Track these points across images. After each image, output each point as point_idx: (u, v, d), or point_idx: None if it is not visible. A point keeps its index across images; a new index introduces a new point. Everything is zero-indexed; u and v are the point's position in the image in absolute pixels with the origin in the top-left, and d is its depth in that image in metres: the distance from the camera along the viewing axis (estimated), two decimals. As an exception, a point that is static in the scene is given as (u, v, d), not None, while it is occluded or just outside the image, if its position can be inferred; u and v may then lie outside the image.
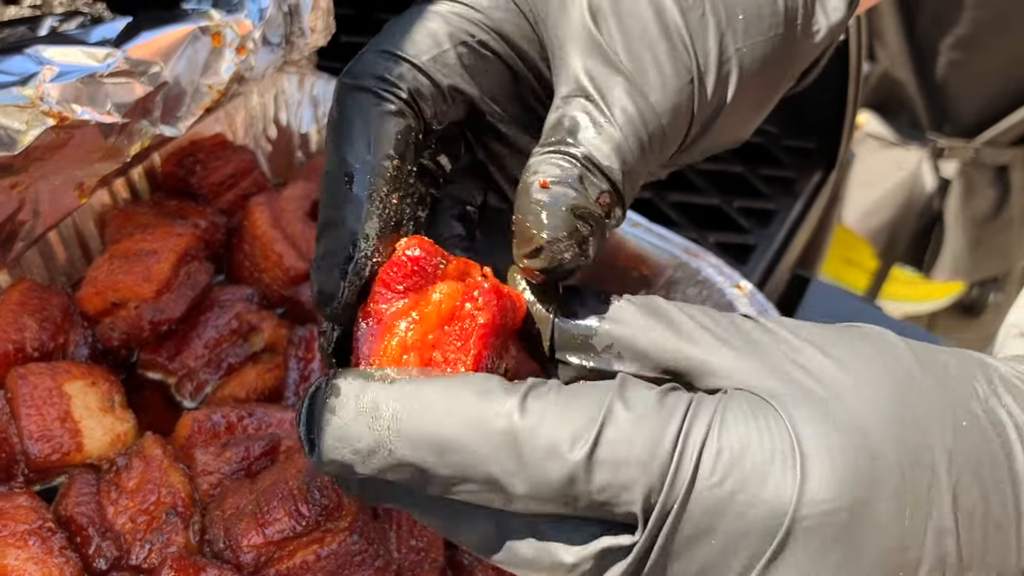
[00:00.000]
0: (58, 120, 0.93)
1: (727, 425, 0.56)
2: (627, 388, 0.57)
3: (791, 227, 1.40)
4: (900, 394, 0.57)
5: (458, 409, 0.57)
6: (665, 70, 0.71)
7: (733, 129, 0.79)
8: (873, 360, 0.59)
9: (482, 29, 0.72)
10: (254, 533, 0.85)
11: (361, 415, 0.58)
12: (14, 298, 1.00)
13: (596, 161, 0.68)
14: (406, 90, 0.69)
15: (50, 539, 0.87)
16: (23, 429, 0.92)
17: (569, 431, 0.56)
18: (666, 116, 0.70)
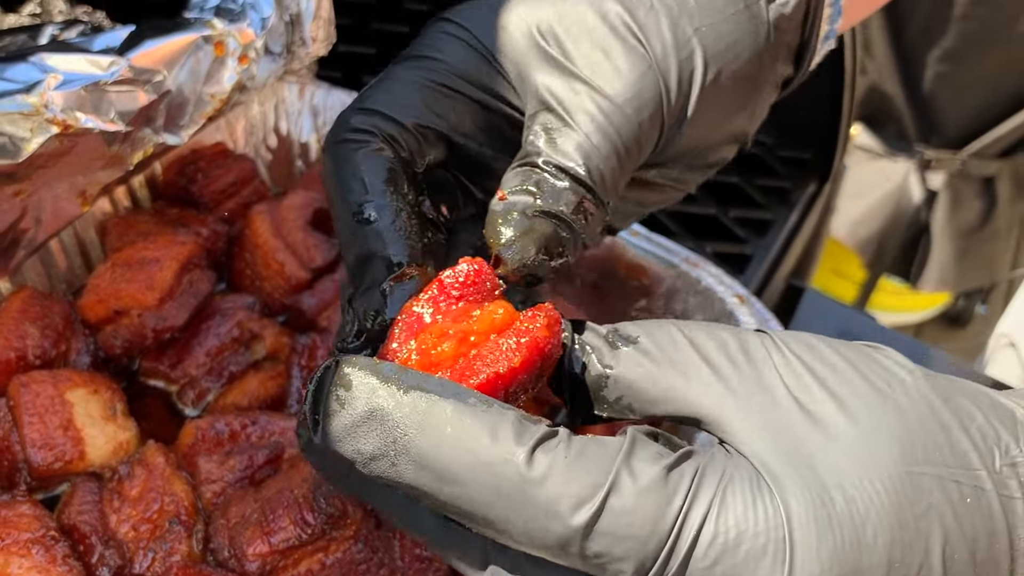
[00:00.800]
0: (62, 128, 0.93)
1: (726, 507, 0.56)
2: (635, 455, 0.57)
3: (787, 237, 1.41)
4: (904, 470, 0.57)
5: (466, 443, 0.56)
6: (620, 65, 0.73)
7: (716, 120, 0.80)
8: (887, 417, 0.58)
9: (442, 74, 0.76)
10: (259, 542, 0.85)
11: (369, 420, 0.57)
12: (16, 306, 1.00)
13: (556, 162, 0.71)
14: (378, 134, 0.73)
15: (53, 548, 0.87)
16: (25, 437, 0.92)
17: (574, 494, 0.56)
18: (630, 106, 0.73)
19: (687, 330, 0.64)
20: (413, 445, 0.56)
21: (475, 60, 0.77)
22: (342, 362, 0.59)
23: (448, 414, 0.56)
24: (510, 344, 0.61)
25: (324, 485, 0.86)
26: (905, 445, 0.58)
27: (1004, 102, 2.34)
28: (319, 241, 1.11)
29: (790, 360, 0.61)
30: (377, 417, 0.57)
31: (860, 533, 0.56)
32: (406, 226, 0.70)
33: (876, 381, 0.60)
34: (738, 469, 0.58)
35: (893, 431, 0.58)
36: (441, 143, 0.77)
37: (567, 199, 0.70)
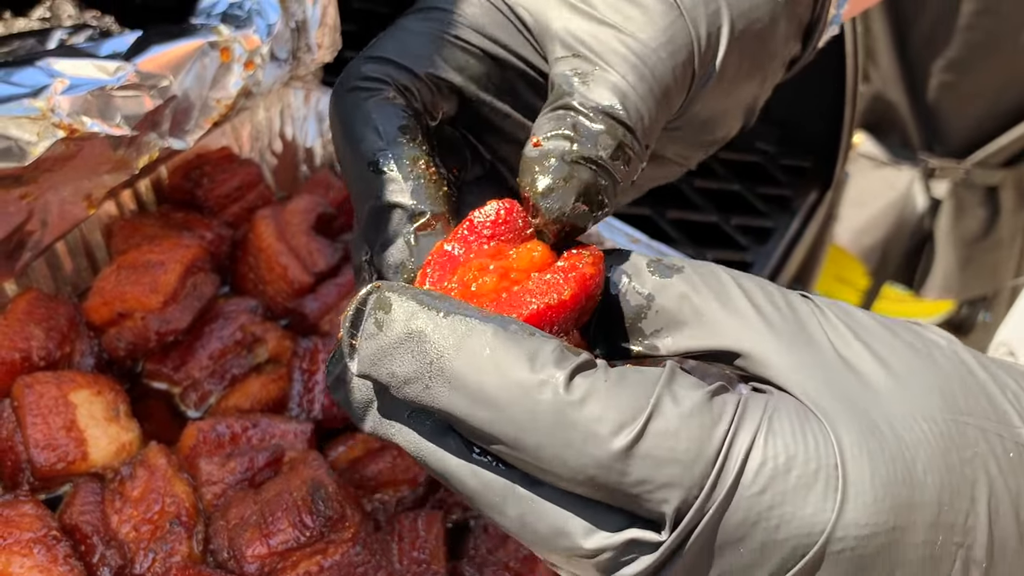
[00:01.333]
0: (68, 132, 0.94)
1: (774, 434, 0.54)
2: (676, 381, 0.55)
3: (788, 245, 1.42)
4: (951, 417, 0.56)
5: (505, 366, 0.54)
6: (650, 10, 0.70)
7: (736, 90, 0.79)
8: (928, 372, 0.57)
9: (456, 26, 0.73)
10: (258, 543, 0.86)
11: (407, 341, 0.55)
12: (21, 307, 1.01)
13: (593, 103, 0.67)
14: (392, 83, 0.70)
15: (55, 547, 0.88)
16: (29, 438, 0.93)
17: (615, 417, 0.53)
18: (664, 50, 0.70)
19: (732, 273, 0.61)
20: (449, 367, 0.54)
21: (489, 11, 0.74)
22: (383, 286, 0.57)
23: (488, 338, 0.54)
24: (557, 279, 0.59)
25: (323, 488, 0.87)
26: (948, 397, 0.56)
27: (1008, 112, 2.35)
28: (322, 245, 1.12)
29: (831, 319, 0.59)
30: (415, 338, 0.55)
31: (912, 468, 0.54)
32: (426, 175, 0.67)
33: (915, 343, 0.59)
34: (783, 401, 0.56)
35: (935, 384, 0.56)
36: (454, 97, 0.74)
37: (606, 142, 0.65)
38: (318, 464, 0.90)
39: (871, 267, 2.64)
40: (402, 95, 0.71)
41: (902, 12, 2.30)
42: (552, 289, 0.59)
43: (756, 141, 1.57)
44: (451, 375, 0.54)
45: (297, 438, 0.97)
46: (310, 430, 0.98)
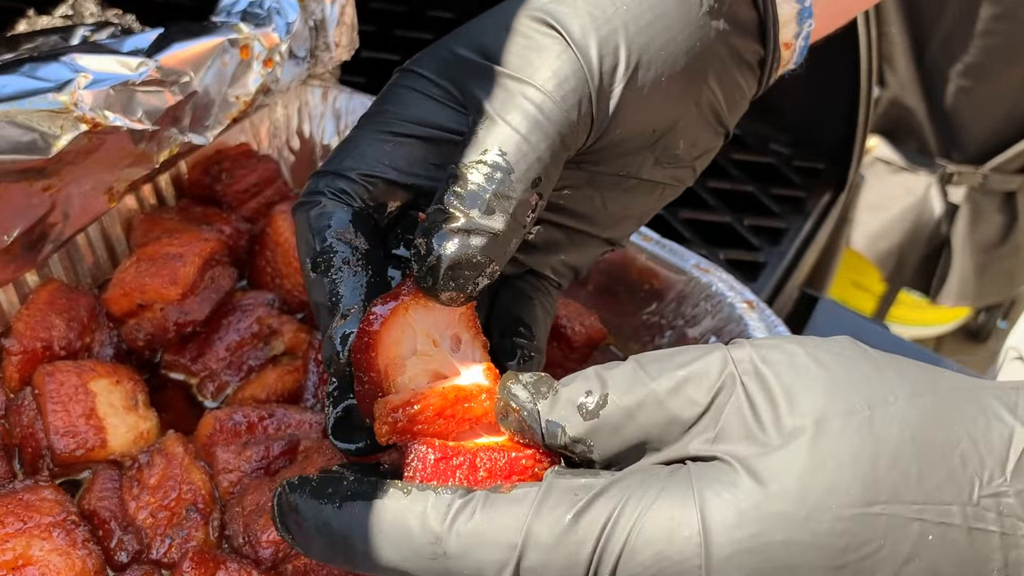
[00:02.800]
0: (91, 126, 0.96)
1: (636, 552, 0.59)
2: (546, 504, 0.62)
3: (801, 245, 1.43)
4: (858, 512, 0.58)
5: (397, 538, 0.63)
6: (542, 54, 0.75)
7: (662, 104, 0.79)
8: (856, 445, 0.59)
9: (392, 123, 0.81)
10: (273, 529, 0.87)
11: (319, 535, 0.67)
12: (43, 298, 1.03)
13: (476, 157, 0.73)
14: (327, 192, 0.80)
15: (74, 531, 0.90)
16: (49, 425, 0.95)
17: (494, 560, 0.61)
18: (550, 83, 0.74)
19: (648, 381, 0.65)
20: (356, 549, 0.65)
21: (424, 103, 0.81)
22: (286, 488, 0.68)
23: (376, 515, 0.64)
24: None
25: (337, 476, 0.88)
26: (869, 481, 0.58)
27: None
28: (338, 241, 1.13)
29: (761, 371, 0.63)
30: (324, 531, 0.66)
31: (782, 561, 0.57)
32: (348, 271, 0.77)
33: (857, 401, 0.60)
34: (669, 489, 0.60)
35: (857, 465, 0.58)
36: (396, 188, 0.82)
37: (495, 204, 0.72)
38: (332, 453, 0.91)
39: (887, 273, 2.64)
40: (339, 200, 0.80)
41: (920, 17, 2.31)
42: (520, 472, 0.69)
43: (770, 143, 1.59)
44: (358, 555, 0.65)
45: (312, 428, 0.98)
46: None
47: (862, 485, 0.58)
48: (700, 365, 0.64)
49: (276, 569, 0.87)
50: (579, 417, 0.66)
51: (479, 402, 0.73)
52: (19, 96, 0.93)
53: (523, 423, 0.68)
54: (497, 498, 0.63)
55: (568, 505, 0.61)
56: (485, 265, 0.71)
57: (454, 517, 0.62)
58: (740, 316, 1.09)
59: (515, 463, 0.69)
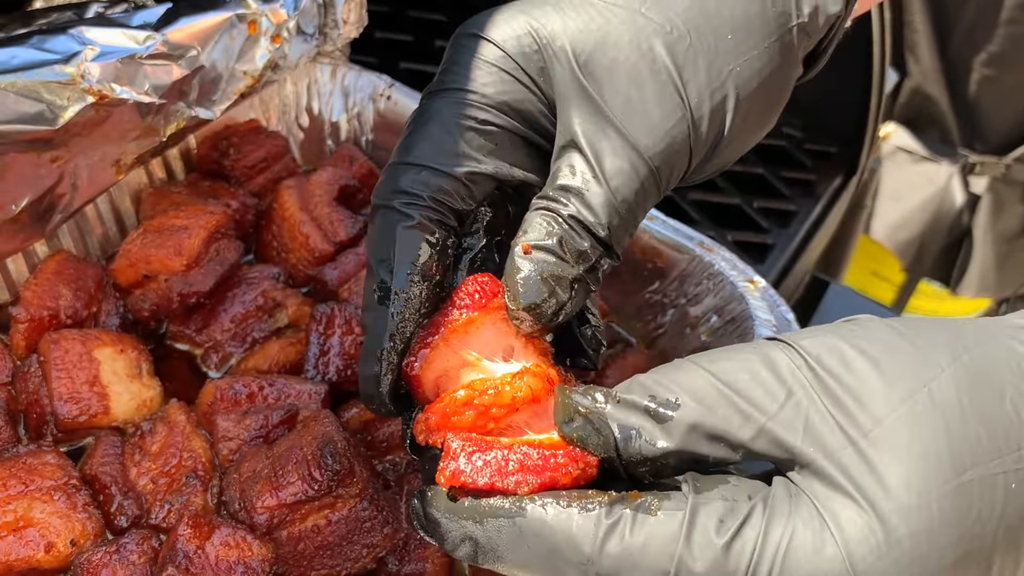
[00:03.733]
0: (98, 98, 0.97)
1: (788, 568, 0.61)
2: (695, 531, 0.63)
3: (810, 228, 1.42)
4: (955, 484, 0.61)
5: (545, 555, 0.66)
6: (653, 113, 0.74)
7: (741, 144, 0.82)
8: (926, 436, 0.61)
9: (480, 109, 0.78)
10: (268, 495, 0.88)
11: (464, 544, 0.69)
12: (51, 268, 1.05)
13: (582, 219, 0.74)
14: (426, 197, 0.76)
15: (75, 495, 0.91)
16: (53, 391, 0.96)
17: None
18: (658, 159, 0.75)
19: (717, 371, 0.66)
20: (508, 559, 0.67)
21: (511, 87, 0.78)
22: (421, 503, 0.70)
23: (521, 532, 0.66)
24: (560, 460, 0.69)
25: (332, 443, 0.89)
26: (951, 455, 0.61)
27: (1049, 108, 2.33)
28: (344, 216, 1.14)
29: (821, 376, 0.64)
30: (470, 541, 0.68)
31: (926, 564, 0.60)
32: (413, 308, 0.75)
33: (912, 384, 0.63)
34: (799, 514, 0.63)
35: (938, 444, 0.61)
36: (489, 181, 0.79)
37: (584, 260, 0.74)
38: (329, 421, 0.92)
39: (907, 263, 2.62)
40: (436, 208, 0.76)
41: (944, 5, 2.29)
42: (553, 470, 0.69)
43: (782, 126, 1.58)
44: (508, 564, 0.67)
45: (312, 398, 0.99)
46: (324, 391, 1.00)
47: (949, 460, 0.61)
48: (764, 358, 0.66)
49: (271, 535, 0.89)
50: (652, 421, 0.67)
51: (511, 387, 0.71)
52: (27, 67, 0.94)
53: (591, 424, 0.68)
54: (644, 520, 0.64)
55: (715, 533, 0.63)
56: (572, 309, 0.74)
57: (604, 540, 0.64)
58: (742, 295, 1.09)
59: (548, 460, 0.68)
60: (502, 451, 0.68)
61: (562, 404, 0.69)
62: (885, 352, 0.64)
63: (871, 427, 0.62)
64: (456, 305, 0.75)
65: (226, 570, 0.85)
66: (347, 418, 1.01)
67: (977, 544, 0.60)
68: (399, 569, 0.93)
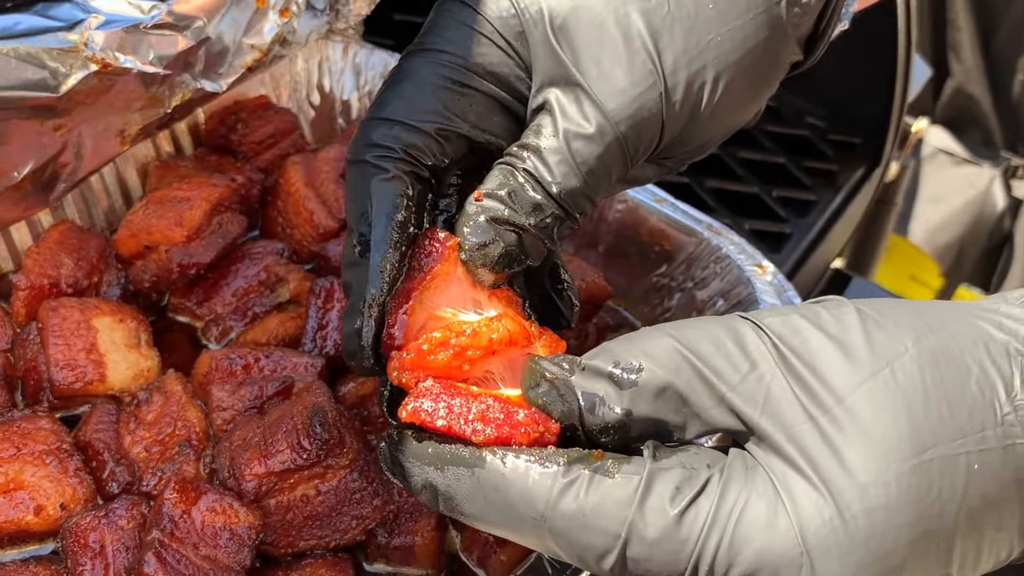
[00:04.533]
0: (101, 66, 0.97)
1: (739, 536, 0.62)
2: (650, 496, 0.63)
3: (829, 218, 1.40)
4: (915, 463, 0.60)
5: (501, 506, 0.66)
6: (622, 79, 0.74)
7: (722, 122, 0.80)
8: (890, 412, 0.61)
9: (457, 70, 0.78)
10: (256, 463, 0.88)
11: (426, 490, 0.70)
12: (54, 237, 1.05)
13: (536, 174, 0.75)
14: (399, 149, 0.76)
15: (67, 460, 0.91)
16: (50, 357, 0.96)
17: (597, 545, 0.64)
18: (624, 124, 0.74)
19: (682, 338, 0.66)
20: (465, 510, 0.68)
21: (488, 50, 0.78)
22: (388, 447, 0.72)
23: (480, 483, 0.67)
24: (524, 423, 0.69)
25: (321, 413, 0.88)
26: (912, 433, 0.60)
27: (1093, 110, 2.28)
28: (349, 193, 1.14)
29: (784, 354, 0.64)
30: (431, 488, 0.69)
31: (882, 542, 0.60)
32: (392, 259, 0.75)
33: (875, 362, 0.62)
34: (753, 487, 0.63)
35: (898, 422, 0.61)
36: (463, 141, 0.79)
37: (536, 213, 0.74)
38: (321, 392, 0.91)
39: (945, 267, 2.58)
40: (408, 161, 0.76)
41: (988, 4, 2.25)
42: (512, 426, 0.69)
43: (806, 115, 1.56)
44: (466, 514, 0.68)
45: (308, 371, 0.99)
46: (321, 364, 0.99)
47: (909, 438, 0.60)
48: (731, 330, 0.66)
49: (259, 503, 0.88)
50: (614, 387, 0.67)
51: (488, 328, 0.72)
52: (30, 33, 0.94)
53: (556, 391, 0.68)
54: (601, 481, 0.64)
55: (669, 500, 0.63)
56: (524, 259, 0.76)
57: (557, 498, 0.64)
58: (748, 279, 1.07)
59: (509, 416, 0.69)
60: (466, 399, 0.70)
61: (530, 369, 0.70)
62: (849, 332, 0.64)
63: (832, 405, 0.62)
64: (419, 265, 0.76)
65: (212, 536, 0.85)
66: (343, 392, 1.00)
67: (936, 525, 0.60)
68: (388, 541, 0.92)
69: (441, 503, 0.69)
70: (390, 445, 0.71)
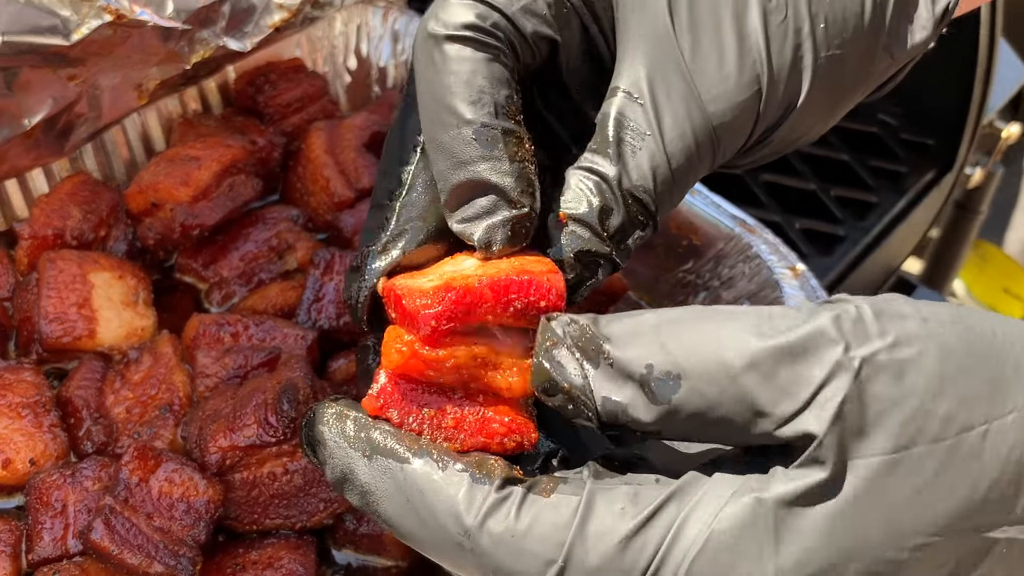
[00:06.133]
0: (115, 16, 0.95)
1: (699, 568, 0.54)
2: (591, 518, 0.56)
3: (889, 223, 1.31)
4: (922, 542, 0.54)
5: (422, 514, 0.59)
6: (730, 78, 0.67)
7: (800, 131, 0.74)
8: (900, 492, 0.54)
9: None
10: (222, 436, 0.85)
11: (345, 482, 0.62)
12: (66, 188, 1.04)
13: (628, 187, 0.65)
14: (503, 38, 0.66)
15: (42, 415, 0.90)
16: (41, 309, 0.95)
17: (526, 570, 0.56)
18: (722, 127, 0.67)
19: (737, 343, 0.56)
20: (381, 510, 0.61)
21: None
22: (315, 416, 0.64)
23: (405, 483, 0.60)
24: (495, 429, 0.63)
25: (292, 390, 0.85)
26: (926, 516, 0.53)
27: None
28: (370, 163, 1.10)
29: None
30: (350, 479, 0.62)
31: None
32: (528, 161, 0.65)
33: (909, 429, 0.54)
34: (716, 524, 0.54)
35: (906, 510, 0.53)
36: (545, 56, 0.69)
37: (623, 233, 0.66)
38: (299, 367, 0.88)
39: (1043, 280, 2.45)
40: (512, 52, 0.66)
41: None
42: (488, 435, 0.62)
43: (879, 112, 1.46)
44: (384, 518, 0.61)
45: (297, 343, 0.96)
46: (312, 338, 0.96)
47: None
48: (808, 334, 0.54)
49: (223, 476, 0.85)
50: (644, 399, 0.56)
51: (473, 271, 0.63)
52: (42, -21, 0.93)
53: (571, 402, 0.58)
54: (535, 501, 0.57)
55: (620, 517, 0.56)
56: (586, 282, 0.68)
57: (487, 514, 0.57)
58: (776, 281, 1.00)
59: (486, 424, 0.62)
60: (442, 400, 0.63)
61: (539, 369, 0.58)
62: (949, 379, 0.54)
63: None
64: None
65: (167, 507, 0.83)
66: (334, 368, 0.97)
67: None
68: (355, 528, 0.89)
69: (357, 496, 0.62)
70: (315, 415, 0.64)
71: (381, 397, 0.63)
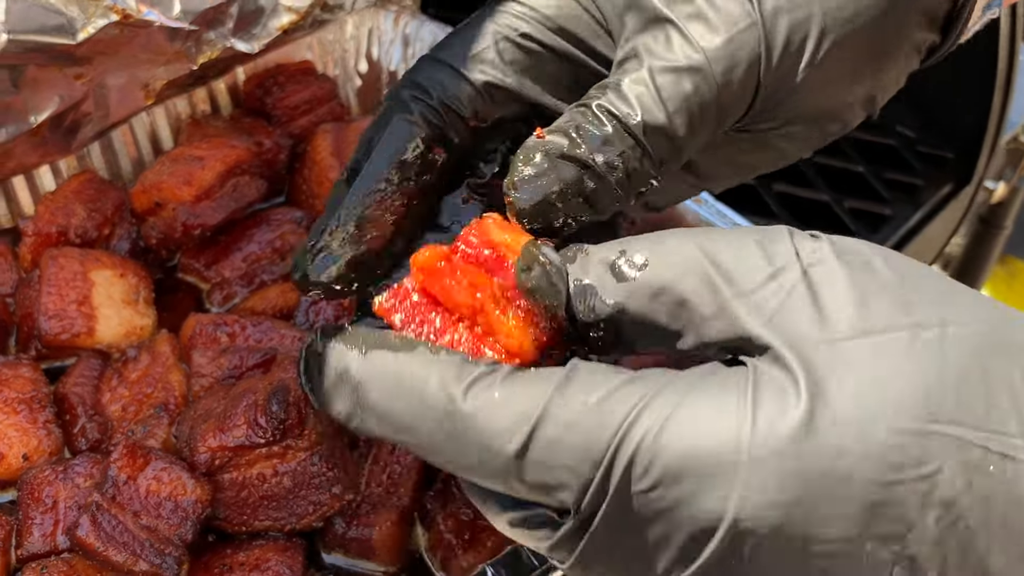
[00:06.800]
0: (121, 16, 0.96)
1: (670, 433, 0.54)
2: (574, 381, 0.57)
3: (903, 236, 1.29)
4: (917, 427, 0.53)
5: (412, 390, 0.60)
6: (721, 14, 0.66)
7: (824, 94, 0.73)
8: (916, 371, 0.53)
9: (527, 22, 0.72)
10: (212, 436, 0.85)
11: (338, 383, 0.63)
12: (72, 186, 1.05)
13: (609, 107, 0.66)
14: (435, 97, 0.70)
15: (38, 411, 0.90)
16: (41, 305, 0.96)
17: (504, 427, 0.57)
18: (718, 64, 0.66)
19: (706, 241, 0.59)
20: (371, 400, 0.62)
21: (564, 3, 0.72)
22: (320, 334, 0.65)
23: (397, 366, 0.61)
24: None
25: (283, 392, 0.85)
26: (932, 398, 0.53)
27: None
28: (375, 166, 1.10)
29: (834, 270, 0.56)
30: (344, 379, 0.63)
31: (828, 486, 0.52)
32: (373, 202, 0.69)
33: (929, 316, 0.55)
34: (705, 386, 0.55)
35: (927, 380, 0.53)
36: (513, 102, 0.73)
37: (605, 148, 0.65)
38: (292, 369, 0.88)
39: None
40: (439, 112, 0.71)
41: None
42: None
43: (896, 123, 1.44)
44: (372, 407, 0.62)
45: (293, 344, 0.96)
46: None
47: (924, 400, 0.53)
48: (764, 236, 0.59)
49: (212, 476, 0.85)
50: (612, 279, 0.60)
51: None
52: (48, -22, 0.93)
53: (547, 277, 0.60)
54: (521, 373, 0.59)
55: (595, 388, 0.57)
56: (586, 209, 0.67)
57: (473, 382, 0.59)
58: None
59: (477, 347, 0.63)
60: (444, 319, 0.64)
61: (526, 251, 0.61)
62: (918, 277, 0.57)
63: (858, 330, 0.54)
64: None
65: (155, 505, 0.83)
66: (329, 371, 0.97)
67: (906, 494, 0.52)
68: (345, 531, 0.89)
69: (348, 395, 0.63)
70: (321, 335, 0.65)
71: (394, 298, 0.64)
